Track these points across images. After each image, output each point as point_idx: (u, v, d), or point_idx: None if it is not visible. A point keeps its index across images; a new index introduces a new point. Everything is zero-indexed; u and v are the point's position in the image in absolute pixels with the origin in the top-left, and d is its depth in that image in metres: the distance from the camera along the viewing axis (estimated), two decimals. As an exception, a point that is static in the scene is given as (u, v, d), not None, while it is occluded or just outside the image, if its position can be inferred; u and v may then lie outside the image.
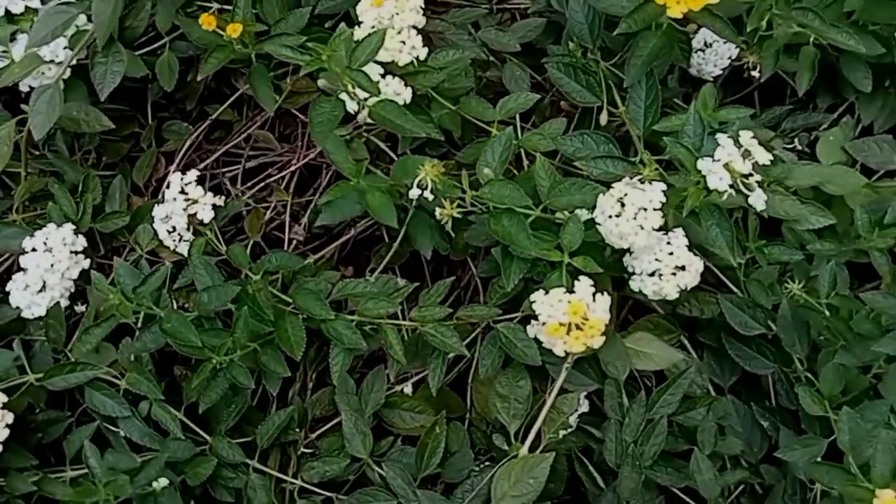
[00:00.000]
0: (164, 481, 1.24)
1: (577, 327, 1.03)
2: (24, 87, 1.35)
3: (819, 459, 1.23)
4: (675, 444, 1.37)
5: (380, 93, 1.12)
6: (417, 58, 1.19)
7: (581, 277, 1.07)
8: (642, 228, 1.05)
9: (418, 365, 1.39)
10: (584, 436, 1.36)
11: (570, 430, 1.30)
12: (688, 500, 1.39)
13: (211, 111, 1.50)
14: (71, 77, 1.36)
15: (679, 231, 1.12)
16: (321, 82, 1.15)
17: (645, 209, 1.05)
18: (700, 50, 1.45)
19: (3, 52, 1.34)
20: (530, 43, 1.51)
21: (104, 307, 1.21)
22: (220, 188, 1.50)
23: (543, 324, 1.04)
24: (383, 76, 1.15)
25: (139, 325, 1.28)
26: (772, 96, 1.64)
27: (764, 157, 1.05)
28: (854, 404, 1.28)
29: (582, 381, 1.32)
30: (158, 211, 1.30)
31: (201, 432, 1.30)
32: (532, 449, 1.28)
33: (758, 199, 1.08)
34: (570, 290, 1.06)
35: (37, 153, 1.45)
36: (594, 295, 1.05)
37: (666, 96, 1.45)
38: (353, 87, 1.09)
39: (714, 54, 1.45)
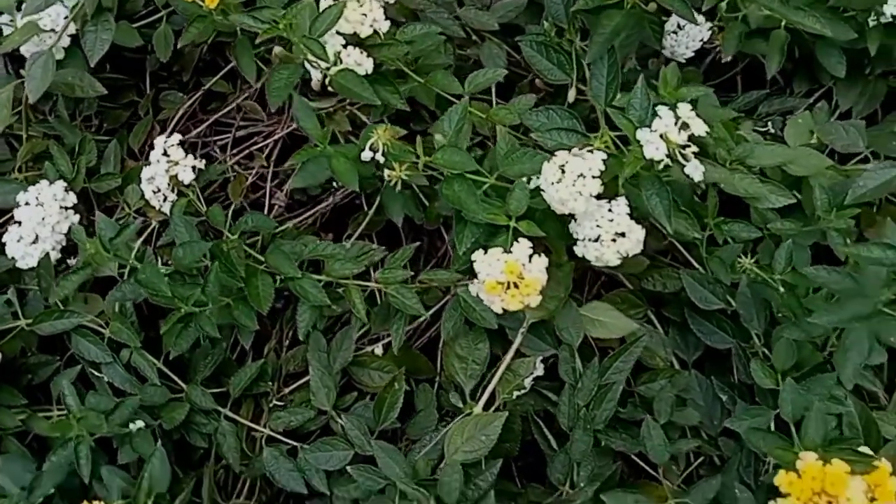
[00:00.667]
0: (140, 423, 1.33)
1: (514, 286, 1.09)
2: (26, 54, 1.44)
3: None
4: (635, 413, 1.42)
5: (337, 62, 1.19)
6: (379, 31, 1.24)
7: (520, 240, 1.12)
8: (581, 195, 1.10)
9: (389, 327, 1.46)
10: (541, 399, 1.41)
11: (524, 391, 1.36)
12: (647, 469, 1.44)
13: (206, 82, 1.58)
14: (71, 45, 1.45)
15: (622, 199, 1.16)
16: (276, 49, 1.22)
17: (583, 176, 1.10)
18: (673, 32, 1.50)
19: (11, 21, 1.43)
20: (515, 23, 1.56)
21: (86, 258, 1.30)
22: (211, 155, 1.58)
23: (483, 282, 1.10)
24: (345, 46, 1.22)
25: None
26: (755, 81, 1.68)
27: (700, 128, 1.10)
28: (805, 378, 1.33)
29: (539, 346, 1.38)
30: (145, 172, 1.38)
31: (178, 380, 1.38)
32: (487, 408, 1.34)
33: (694, 170, 1.12)
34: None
35: (41, 118, 1.54)
36: (531, 256, 1.11)
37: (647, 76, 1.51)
38: (309, 56, 1.16)
39: (686, 36, 1.49)
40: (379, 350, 1.46)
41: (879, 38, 1.47)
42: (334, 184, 1.51)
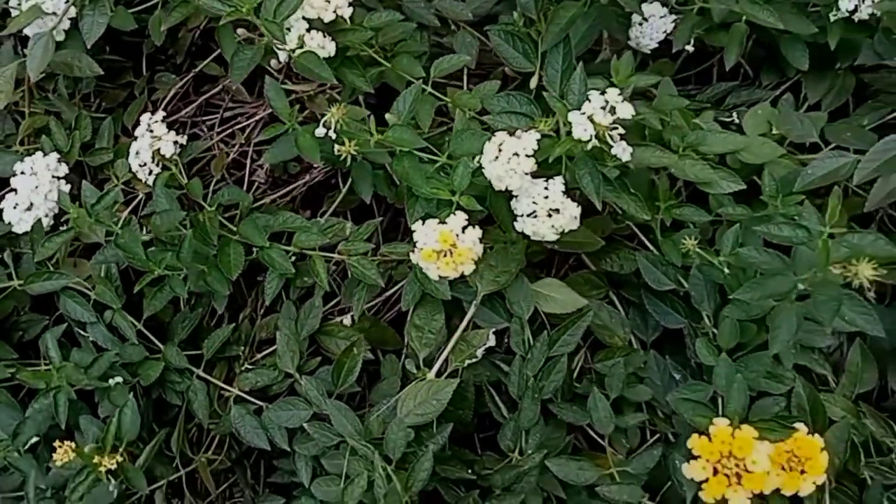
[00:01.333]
0: (118, 379, 1.43)
1: (448, 254, 1.17)
2: (30, 35, 1.55)
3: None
4: (590, 389, 1.48)
5: (302, 44, 1.28)
6: (343, 16, 1.33)
7: (457, 213, 1.20)
8: (515, 172, 1.17)
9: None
10: (496, 370, 1.48)
11: (475, 360, 1.43)
12: (602, 443, 1.50)
13: (199, 65, 1.68)
14: (72, 28, 1.56)
15: (559, 178, 1.23)
16: (239, 31, 1.31)
17: (518, 155, 1.17)
18: (638, 24, 1.56)
19: (18, 4, 1.54)
20: (494, 13, 1.64)
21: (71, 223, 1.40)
22: (199, 134, 1.67)
23: (420, 250, 1.18)
24: (309, 31, 1.30)
25: (110, 244, 1.47)
26: (732, 72, 1.73)
27: (626, 112, 1.16)
28: (746, 356, 1.38)
29: (492, 319, 1.45)
30: (132, 147, 1.48)
31: (156, 341, 1.48)
32: (440, 375, 1.42)
33: (622, 151, 1.19)
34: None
35: (44, 95, 1.65)
36: (464, 228, 1.18)
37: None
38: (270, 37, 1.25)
39: (650, 28, 1.55)
40: (347, 320, 1.55)
41: (840, 33, 1.51)
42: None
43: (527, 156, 1.17)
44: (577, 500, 1.46)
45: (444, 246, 1.16)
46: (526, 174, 1.18)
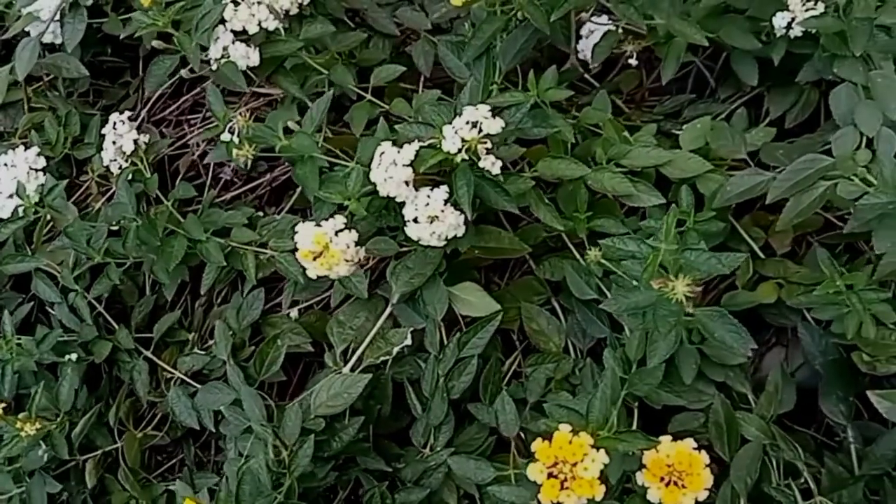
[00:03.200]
0: (73, 356, 1.57)
1: (322, 255, 1.24)
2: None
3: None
4: (517, 392, 1.53)
5: (222, 56, 1.38)
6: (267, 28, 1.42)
7: (336, 216, 1.27)
8: (392, 179, 1.24)
9: (308, 294, 1.64)
10: (418, 368, 1.54)
11: (389, 357, 1.50)
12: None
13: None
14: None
15: (443, 187, 1.29)
16: (154, 42, 1.42)
17: (395, 164, 1.24)
18: (585, 37, 1.59)
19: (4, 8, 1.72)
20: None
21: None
22: (184, 131, 1.81)
23: (299, 249, 1.26)
24: (234, 42, 1.40)
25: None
26: (703, 85, 1.73)
27: (493, 127, 1.21)
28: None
29: (412, 319, 1.51)
30: (104, 142, 1.62)
31: (113, 322, 1.62)
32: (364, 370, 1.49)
33: (490, 164, 1.23)
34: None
35: (48, 94, 1.82)
36: (339, 231, 1.26)
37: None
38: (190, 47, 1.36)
39: (595, 42, 1.57)
40: (294, 314, 1.64)
41: (786, 48, 1.49)
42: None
43: (403, 165, 1.23)
44: (492, 500, 1.51)
45: (317, 247, 1.24)
46: (404, 182, 1.24)
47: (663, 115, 1.64)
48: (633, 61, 1.58)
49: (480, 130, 1.21)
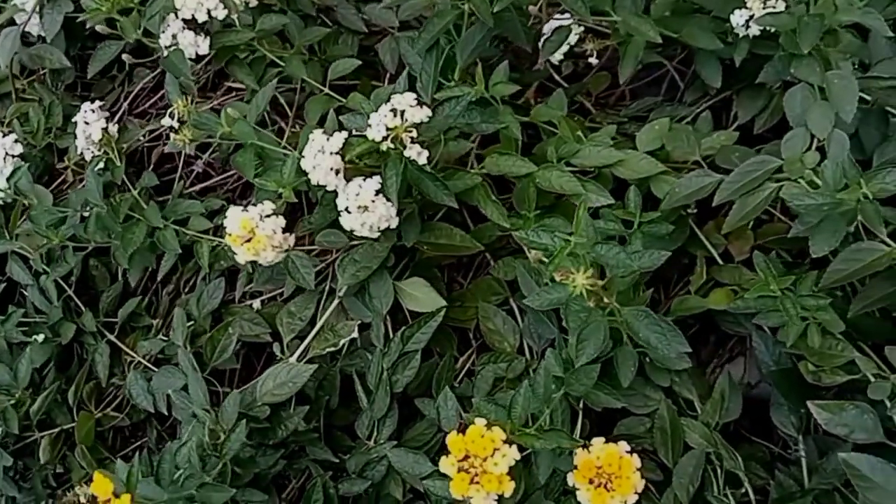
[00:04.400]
0: (41, 336, 1.62)
1: (249, 240, 1.26)
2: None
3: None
4: (466, 390, 1.53)
5: (171, 42, 1.41)
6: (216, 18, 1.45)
7: (265, 202, 1.29)
8: (319, 167, 1.25)
9: (271, 287, 1.66)
10: (367, 361, 1.55)
11: (336, 349, 1.51)
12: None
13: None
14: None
15: (376, 178, 1.29)
16: (98, 27, 1.45)
17: (322, 152, 1.25)
18: (547, 35, 1.58)
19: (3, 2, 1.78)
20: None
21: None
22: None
23: (229, 234, 1.28)
24: (183, 30, 1.43)
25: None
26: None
27: (417, 116, 1.21)
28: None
29: (361, 312, 1.52)
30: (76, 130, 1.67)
31: (81, 306, 1.67)
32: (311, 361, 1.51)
33: (416, 154, 1.23)
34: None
35: (36, 85, 1.88)
36: (266, 217, 1.27)
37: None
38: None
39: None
40: (257, 304, 1.66)
41: (748, 48, 1.46)
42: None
43: (331, 153, 1.24)
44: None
45: (243, 232, 1.25)
46: (333, 171, 1.25)
47: (628, 118, 1.62)
48: (593, 60, 1.56)
49: (405, 119, 1.21)
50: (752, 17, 1.40)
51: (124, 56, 1.56)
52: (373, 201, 1.26)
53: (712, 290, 1.46)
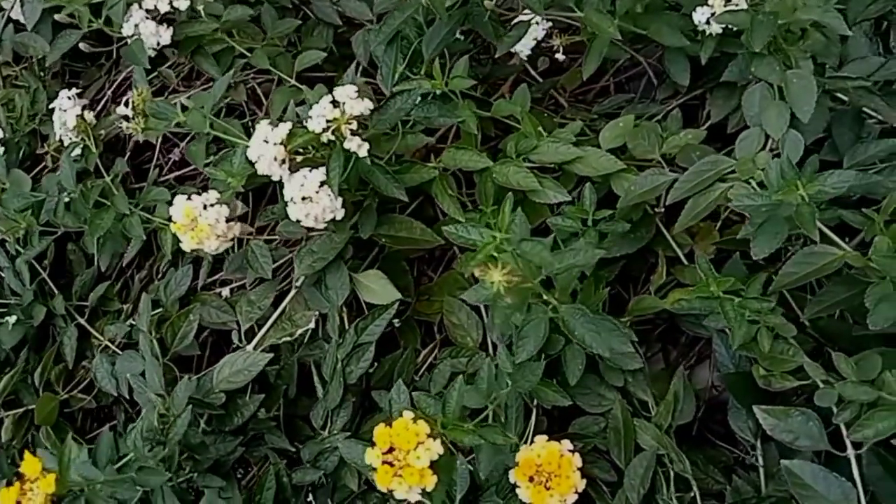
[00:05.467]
0: (13, 318, 1.65)
1: (192, 228, 1.27)
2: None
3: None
4: (423, 383, 1.53)
5: (134, 32, 1.43)
6: (179, 8, 1.46)
7: (210, 191, 1.30)
8: (263, 157, 1.26)
9: (241, 275, 1.67)
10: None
11: (292, 339, 1.52)
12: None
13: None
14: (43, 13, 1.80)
15: (321, 169, 1.30)
16: (57, 16, 1.48)
17: (266, 142, 1.26)
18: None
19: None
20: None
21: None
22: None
23: (173, 223, 1.29)
24: (144, 19, 1.45)
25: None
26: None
27: (357, 108, 1.21)
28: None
29: (319, 302, 1.52)
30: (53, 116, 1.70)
31: (54, 288, 1.70)
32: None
33: (356, 146, 1.23)
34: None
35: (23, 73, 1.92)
36: (210, 206, 1.28)
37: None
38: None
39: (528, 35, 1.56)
40: (226, 292, 1.68)
41: (714, 46, 1.44)
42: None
43: (274, 144, 1.25)
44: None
45: (186, 221, 1.26)
46: (277, 161, 1.25)
47: (599, 115, 1.61)
48: (560, 56, 1.55)
49: (344, 112, 1.21)
50: (714, 14, 1.38)
51: (81, 44, 1.58)
52: (317, 192, 1.27)
53: (671, 291, 1.44)
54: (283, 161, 1.26)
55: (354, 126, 1.23)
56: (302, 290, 1.52)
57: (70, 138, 1.68)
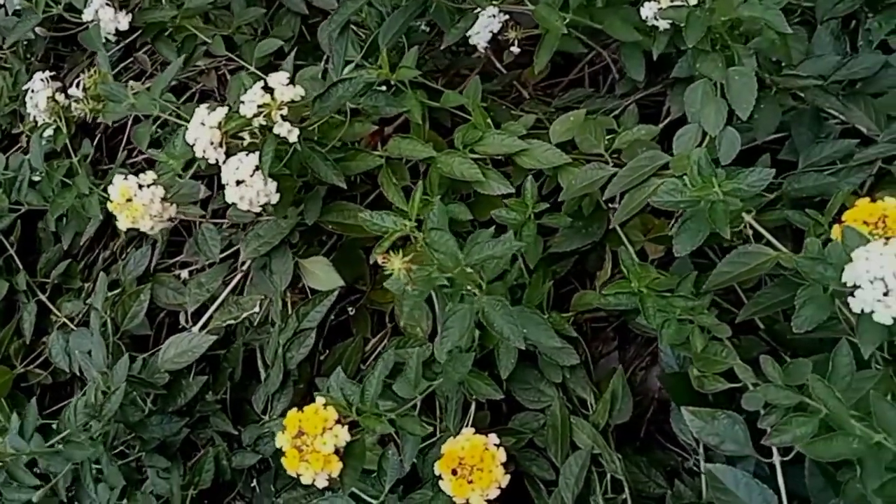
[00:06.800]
0: (-23, 296, 1.69)
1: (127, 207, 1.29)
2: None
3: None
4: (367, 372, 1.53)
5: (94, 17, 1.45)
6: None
7: (148, 172, 1.31)
8: (199, 139, 1.27)
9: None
10: (272, 337, 1.57)
11: (235, 321, 1.53)
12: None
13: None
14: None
15: (256, 154, 1.31)
16: (17, 1, 1.50)
17: (203, 125, 1.27)
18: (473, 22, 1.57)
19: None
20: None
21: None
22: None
23: (111, 201, 1.31)
24: (104, 5, 1.47)
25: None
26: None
27: (287, 95, 1.22)
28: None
29: (267, 287, 1.53)
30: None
31: (20, 264, 1.73)
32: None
33: (285, 131, 1.24)
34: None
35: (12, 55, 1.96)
36: (147, 186, 1.30)
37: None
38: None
39: (480, 26, 1.55)
40: (185, 274, 1.70)
41: (666, 41, 1.42)
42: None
43: (210, 127, 1.26)
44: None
45: (121, 199, 1.28)
46: (213, 144, 1.27)
47: (558, 109, 1.59)
48: (514, 49, 1.54)
49: (275, 97, 1.22)
50: (660, 9, 1.36)
51: (38, 29, 1.61)
52: (251, 176, 1.27)
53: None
54: (220, 144, 1.27)
55: (285, 112, 1.23)
56: (250, 274, 1.53)
57: (43, 119, 1.71)
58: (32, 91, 1.68)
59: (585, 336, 1.63)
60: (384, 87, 1.44)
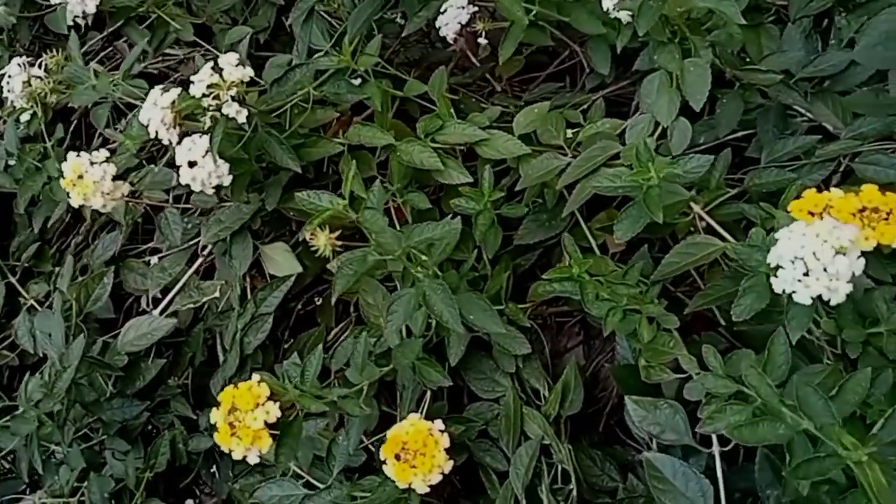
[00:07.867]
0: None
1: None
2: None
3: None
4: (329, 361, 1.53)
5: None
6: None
7: (101, 149, 1.33)
8: (152, 120, 1.28)
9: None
10: (233, 322, 1.57)
11: (196, 306, 1.54)
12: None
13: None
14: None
15: (207, 136, 1.31)
16: None
17: (156, 105, 1.28)
18: (442, 13, 1.57)
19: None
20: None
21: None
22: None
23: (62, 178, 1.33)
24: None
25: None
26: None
27: (235, 75, 1.23)
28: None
29: (228, 272, 1.54)
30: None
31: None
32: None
33: (234, 112, 1.25)
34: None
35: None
36: (95, 164, 1.31)
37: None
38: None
39: (448, 17, 1.56)
40: (154, 260, 1.71)
41: (630, 35, 1.42)
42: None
43: (162, 107, 1.27)
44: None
45: (73, 176, 1.30)
46: (164, 124, 1.28)
47: (526, 102, 1.59)
48: (482, 40, 1.54)
49: (224, 78, 1.23)
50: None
51: (2, 8, 1.64)
52: (203, 157, 1.28)
53: (569, 279, 1.42)
54: (174, 125, 1.28)
55: (234, 92, 1.24)
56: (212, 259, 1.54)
57: (20, 104, 1.73)
58: (9, 76, 1.70)
59: (551, 330, 1.63)
60: (358, 78, 1.45)
